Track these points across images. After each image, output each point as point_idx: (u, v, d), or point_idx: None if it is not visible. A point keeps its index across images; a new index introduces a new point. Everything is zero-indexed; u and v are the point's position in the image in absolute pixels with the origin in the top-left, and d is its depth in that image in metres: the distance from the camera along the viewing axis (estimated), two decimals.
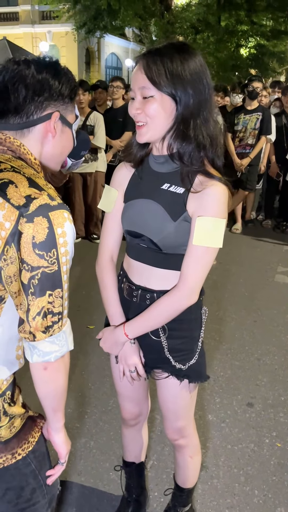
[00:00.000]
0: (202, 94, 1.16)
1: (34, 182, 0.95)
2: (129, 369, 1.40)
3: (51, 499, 1.18)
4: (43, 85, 1.02)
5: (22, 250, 0.91)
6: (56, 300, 0.96)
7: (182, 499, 1.68)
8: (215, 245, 1.24)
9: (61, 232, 0.94)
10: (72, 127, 1.13)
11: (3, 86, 1.01)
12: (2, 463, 1.03)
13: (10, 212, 0.91)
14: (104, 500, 1.87)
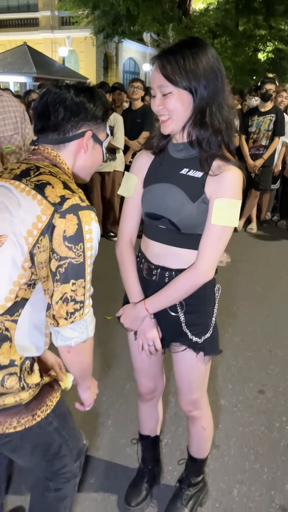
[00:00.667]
0: (215, 83, 1.27)
1: (68, 186, 1.11)
2: (148, 343, 1.51)
3: (78, 453, 1.33)
4: (79, 107, 1.18)
5: (53, 241, 1.06)
6: (78, 289, 1.10)
7: (195, 469, 1.79)
8: (232, 224, 1.34)
9: (88, 229, 1.10)
10: (102, 144, 1.29)
11: (45, 106, 1.18)
12: (24, 424, 1.16)
13: (47, 208, 1.06)
14: (120, 472, 1.99)
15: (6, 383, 1.10)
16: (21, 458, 1.29)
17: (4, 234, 1.07)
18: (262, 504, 1.87)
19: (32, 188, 1.09)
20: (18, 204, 1.08)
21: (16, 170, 1.17)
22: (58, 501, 1.34)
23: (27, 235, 1.07)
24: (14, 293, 1.10)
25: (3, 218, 1.09)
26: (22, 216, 1.08)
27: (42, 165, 1.17)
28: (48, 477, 1.32)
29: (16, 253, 1.08)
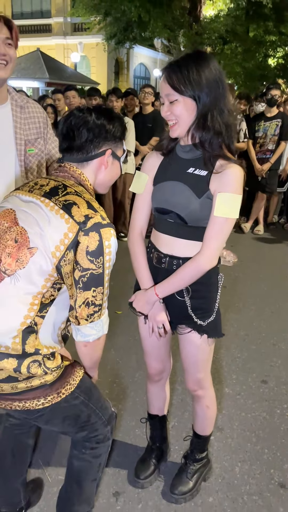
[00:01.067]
0: (217, 91, 1.42)
1: (91, 205, 1.30)
2: (157, 326, 1.67)
3: (108, 419, 1.52)
4: (101, 129, 1.37)
5: (77, 255, 1.25)
6: (97, 295, 1.31)
7: (199, 445, 1.94)
8: (233, 216, 1.50)
9: (108, 244, 1.29)
10: (120, 159, 1.48)
11: (70, 129, 1.37)
12: (50, 401, 1.34)
13: (73, 226, 1.25)
14: (130, 450, 2.14)
15: (31, 369, 1.27)
16: (55, 427, 1.48)
17: (35, 246, 1.26)
18: (262, 481, 2.01)
19: (60, 207, 1.27)
20: (48, 221, 1.26)
21: (46, 187, 1.34)
22: (93, 458, 1.53)
23: (55, 249, 1.25)
24: (41, 294, 1.28)
25: (35, 232, 1.27)
26: (51, 232, 1.25)
27: (69, 184, 1.35)
28: (84, 439, 1.50)
29: (44, 263, 1.26)
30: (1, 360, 1.25)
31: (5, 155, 1.90)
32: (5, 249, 1.27)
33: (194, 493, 1.90)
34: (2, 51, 1.67)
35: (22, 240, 1.26)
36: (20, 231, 1.28)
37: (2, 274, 1.26)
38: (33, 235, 1.26)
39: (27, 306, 1.28)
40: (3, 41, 1.68)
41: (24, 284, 1.26)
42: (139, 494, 1.92)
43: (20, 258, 1.26)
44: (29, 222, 1.28)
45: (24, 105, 1.93)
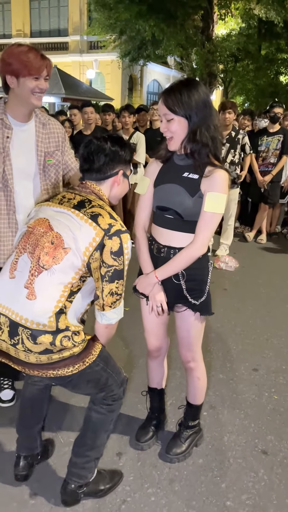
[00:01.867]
0: (204, 111, 1.75)
1: (112, 216, 1.69)
2: (156, 305, 1.98)
3: (121, 381, 1.87)
4: (115, 154, 1.75)
5: (103, 255, 1.62)
6: (119, 286, 1.68)
7: (192, 413, 2.23)
8: (219, 211, 1.82)
9: (126, 246, 1.67)
10: (128, 177, 1.87)
11: (90, 154, 1.75)
12: (78, 368, 1.68)
13: (99, 232, 1.62)
14: (132, 420, 2.44)
15: (63, 342, 1.60)
16: (80, 390, 1.83)
17: (69, 247, 1.61)
18: (247, 448, 2.29)
19: (88, 217, 1.63)
20: (79, 228, 1.62)
21: (73, 200, 1.70)
22: (109, 412, 1.85)
23: (85, 250, 1.61)
24: (71, 284, 1.63)
25: (68, 236, 1.62)
26: (81, 236, 1.60)
27: (92, 198, 1.70)
28: (103, 398, 1.83)
29: (75, 260, 1.60)
30: (40, 336, 1.57)
31: (28, 164, 2.24)
32: (43, 249, 1.62)
33: (186, 455, 2.19)
34: (43, 86, 2.04)
35: (57, 242, 1.62)
36: (56, 235, 1.63)
37: (41, 268, 1.61)
38: (67, 238, 1.61)
39: (60, 293, 1.61)
40: (44, 78, 2.04)
41: (58, 276, 1.61)
42: (139, 454, 2.21)
43: (56, 256, 1.60)
44: (63, 228, 1.63)
45: (46, 122, 2.27)
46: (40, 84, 2.04)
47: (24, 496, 1.95)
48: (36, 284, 1.60)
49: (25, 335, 1.58)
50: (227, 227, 5.36)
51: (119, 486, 2.01)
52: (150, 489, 2.02)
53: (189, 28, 16.61)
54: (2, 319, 1.62)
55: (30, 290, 1.59)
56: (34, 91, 2.03)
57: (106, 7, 15.65)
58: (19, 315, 1.59)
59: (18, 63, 1.97)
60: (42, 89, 2.05)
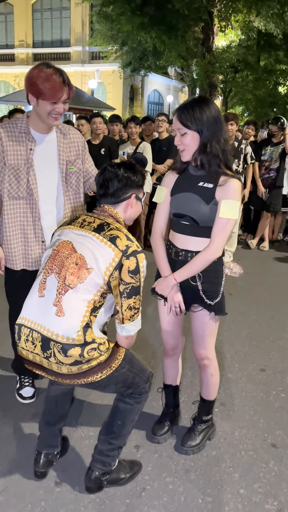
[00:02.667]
0: (215, 126, 1.91)
1: (129, 237, 1.84)
2: (174, 305, 2.12)
3: (147, 377, 2.03)
4: (128, 180, 1.93)
5: (122, 274, 1.77)
6: (137, 301, 1.84)
7: (205, 408, 2.36)
8: (233, 217, 1.97)
9: (142, 265, 1.82)
10: (141, 200, 2.03)
11: (105, 180, 1.93)
12: (106, 373, 1.82)
13: (118, 253, 1.77)
14: (148, 417, 2.56)
15: (90, 353, 1.74)
16: (110, 390, 1.97)
17: (91, 267, 1.76)
18: (257, 442, 2.42)
19: (108, 240, 1.77)
20: (100, 250, 1.76)
21: (93, 224, 1.85)
22: (136, 403, 2.00)
23: (105, 270, 1.76)
24: (93, 300, 1.78)
25: (90, 257, 1.77)
26: (102, 258, 1.75)
27: (110, 221, 1.85)
28: (131, 393, 1.98)
29: (98, 279, 1.75)
30: (70, 349, 1.72)
31: (51, 173, 2.40)
32: (68, 270, 1.77)
33: (200, 447, 2.32)
34: (61, 110, 2.18)
35: (81, 263, 1.77)
36: (79, 257, 1.78)
37: (67, 287, 1.76)
38: (89, 259, 1.77)
39: (85, 309, 1.76)
40: (64, 102, 2.18)
41: (82, 294, 1.76)
42: (155, 447, 2.34)
43: (80, 275, 1.76)
44: (85, 250, 1.78)
45: (66, 132, 2.43)
46: (58, 108, 2.17)
47: (50, 485, 2.08)
48: (63, 301, 1.75)
49: (56, 349, 1.73)
50: (231, 234, 5.49)
51: (138, 476, 2.14)
52: (167, 478, 2.15)
53: (189, 40, 16.84)
54: (35, 335, 1.77)
55: (59, 308, 1.75)
56: (51, 114, 2.18)
57: (108, 18, 15.92)
58: (50, 330, 1.74)
59: (40, 86, 2.11)
60: (59, 112, 2.19)
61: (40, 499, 2.00)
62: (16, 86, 24.21)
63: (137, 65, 18.12)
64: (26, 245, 2.38)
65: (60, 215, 2.44)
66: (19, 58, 26.41)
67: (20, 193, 2.31)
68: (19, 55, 26.45)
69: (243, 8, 14.49)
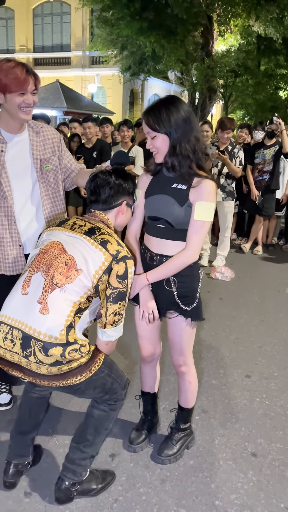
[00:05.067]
0: (184, 127, 1.85)
1: (120, 243, 1.83)
2: (148, 312, 2.06)
3: (124, 384, 1.97)
4: (119, 187, 1.92)
5: (110, 278, 1.76)
6: (121, 307, 1.82)
7: (183, 416, 2.30)
8: (208, 219, 1.92)
9: (130, 271, 1.80)
10: (132, 206, 2.02)
11: (96, 187, 1.92)
12: (85, 376, 1.78)
13: (108, 257, 1.76)
14: (126, 424, 2.50)
15: (71, 354, 1.70)
16: (87, 395, 1.92)
17: (81, 269, 1.73)
18: (237, 451, 2.35)
19: (98, 243, 1.76)
20: (90, 253, 1.74)
21: (84, 227, 1.83)
22: (110, 411, 1.95)
23: (95, 273, 1.74)
24: (79, 302, 1.75)
25: (80, 259, 1.75)
26: (92, 261, 1.73)
27: (101, 226, 1.84)
28: (107, 399, 1.92)
29: (86, 281, 1.73)
30: (51, 348, 1.67)
31: (26, 173, 2.34)
32: (57, 268, 1.74)
33: (177, 456, 2.26)
34: (30, 101, 2.12)
35: (71, 263, 1.74)
36: (70, 257, 1.75)
37: (54, 285, 1.72)
38: (79, 261, 1.74)
39: (70, 309, 1.73)
40: (31, 92, 2.13)
41: (69, 295, 1.72)
42: (131, 456, 2.28)
43: (69, 276, 1.72)
44: (76, 252, 1.76)
45: (39, 130, 2.37)
46: (27, 99, 2.10)
47: (19, 495, 2.02)
48: (49, 300, 1.71)
49: (37, 347, 1.68)
50: (223, 238, 5.45)
51: (111, 486, 2.08)
52: (141, 489, 2.08)
53: (189, 44, 16.88)
54: (15, 333, 1.72)
55: (43, 305, 1.70)
56: (21, 106, 2.11)
57: (107, 23, 15.98)
58: (33, 328, 1.69)
59: (4, 79, 2.05)
60: (29, 104, 2.11)
61: (8, 510, 1.94)
62: None
63: (136, 69, 18.15)
64: (3, 250, 2.33)
65: (40, 215, 2.39)
66: None
67: None
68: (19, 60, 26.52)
69: (242, 13, 14.49)
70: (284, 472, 2.22)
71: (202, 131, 5.78)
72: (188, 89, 19.97)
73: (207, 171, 1.96)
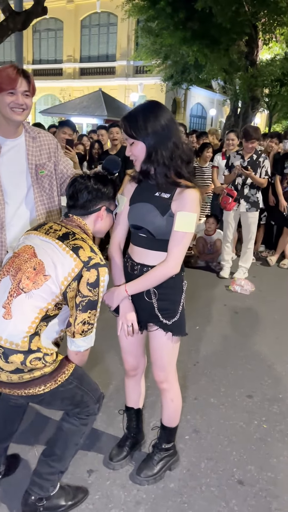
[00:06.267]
0: (161, 134, 1.76)
1: (93, 249, 1.75)
2: (127, 324, 1.97)
3: (97, 398, 1.89)
4: (97, 192, 1.86)
5: (80, 285, 1.69)
6: (91, 316, 1.73)
7: (165, 436, 2.18)
8: (189, 230, 1.82)
9: (102, 279, 1.72)
10: (113, 212, 1.96)
11: (75, 192, 1.87)
12: (49, 387, 1.72)
13: (79, 264, 1.69)
14: (111, 438, 2.41)
15: (33, 362, 1.65)
16: (55, 407, 1.87)
17: (49, 275, 1.68)
18: (223, 476, 2.21)
19: (70, 249, 1.70)
20: (60, 258, 1.70)
21: (59, 231, 1.78)
22: (81, 425, 1.87)
23: (63, 279, 1.68)
24: (46, 309, 1.70)
25: (49, 265, 1.70)
26: (61, 266, 1.67)
27: (76, 231, 1.79)
28: (78, 412, 1.85)
29: (54, 287, 1.68)
30: (12, 355, 1.63)
31: (20, 178, 2.32)
32: (25, 273, 1.70)
33: (157, 478, 2.15)
34: (20, 102, 2.10)
35: (39, 268, 1.69)
36: (39, 262, 1.71)
37: (20, 290, 1.68)
38: (48, 266, 1.69)
39: (35, 315, 1.68)
40: (22, 93, 2.11)
41: (35, 300, 1.68)
42: (109, 473, 2.19)
43: (36, 281, 1.68)
44: (46, 257, 1.71)
45: (35, 136, 2.35)
46: (17, 100, 2.07)
47: None
48: (13, 304, 1.67)
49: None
50: (246, 250, 5.27)
51: (82, 504, 1.99)
52: (113, 510, 1.98)
53: (233, 53, 16.72)
54: None
55: (7, 310, 1.67)
56: (11, 107, 2.09)
57: (152, 33, 16.13)
58: None
59: None
60: (19, 105, 2.08)
61: None
62: (61, 99, 24.87)
63: (178, 78, 18.19)
64: None
65: (34, 220, 2.37)
66: (66, 72, 27.13)
67: None
68: (66, 70, 27.18)
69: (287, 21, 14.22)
70: (270, 504, 2.06)
71: (228, 139, 5.65)
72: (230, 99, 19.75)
73: (188, 178, 1.86)
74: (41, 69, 27.62)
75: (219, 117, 27.80)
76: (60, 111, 18.51)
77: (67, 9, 26.14)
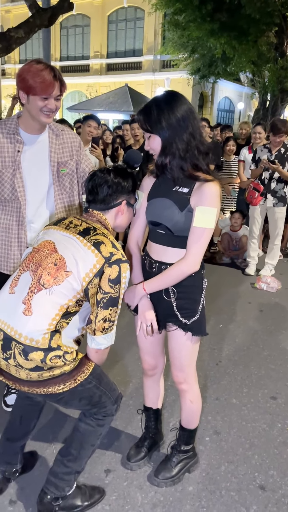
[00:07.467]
0: (176, 127, 1.69)
1: (115, 245, 1.71)
2: (146, 323, 1.92)
3: (115, 398, 1.86)
4: (118, 186, 1.81)
5: (101, 282, 1.65)
6: (113, 313, 1.69)
7: (184, 438, 2.13)
8: (209, 226, 1.75)
9: (124, 276, 1.68)
10: (133, 206, 1.91)
11: (94, 186, 1.82)
12: (69, 386, 1.69)
13: (100, 259, 1.65)
14: (130, 438, 2.38)
15: (53, 360, 1.62)
16: (72, 407, 1.83)
17: (70, 271, 1.65)
18: (244, 481, 2.14)
19: (92, 244, 1.66)
20: (82, 254, 1.65)
21: (79, 227, 1.75)
22: (98, 426, 1.83)
23: (85, 275, 1.65)
24: (67, 305, 1.66)
25: (71, 260, 1.66)
26: (83, 262, 1.64)
27: (97, 227, 1.75)
28: (94, 413, 1.82)
29: (75, 284, 1.64)
30: (31, 352, 1.60)
31: (42, 175, 2.31)
32: (46, 269, 1.66)
33: (175, 480, 2.10)
34: (53, 107, 2.08)
35: (60, 264, 1.66)
36: (60, 257, 1.67)
37: (41, 286, 1.65)
38: (69, 262, 1.65)
39: (55, 312, 1.64)
40: (55, 98, 2.08)
41: (56, 297, 1.64)
42: (127, 474, 2.15)
43: (57, 277, 1.65)
44: (67, 252, 1.68)
45: (59, 133, 2.33)
46: (49, 104, 2.06)
47: (4, 502, 1.97)
48: (33, 300, 1.64)
49: (17, 350, 1.61)
50: (273, 246, 5.14)
51: (98, 504, 1.96)
52: (130, 511, 1.95)
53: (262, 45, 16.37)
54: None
55: (27, 306, 1.64)
56: (42, 110, 2.08)
57: (178, 26, 15.93)
58: (14, 329, 1.63)
59: (30, 81, 2.02)
60: (51, 109, 2.08)
61: None
62: (88, 95, 24.96)
63: (206, 72, 17.93)
64: (9, 249, 2.31)
65: (53, 218, 2.35)
66: (93, 68, 27.17)
67: (6, 195, 2.25)
68: (93, 66, 27.22)
69: None
70: None
71: (255, 133, 5.51)
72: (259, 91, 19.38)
73: (207, 171, 1.79)
74: (69, 66, 27.75)
75: (247, 110, 27.28)
76: (87, 107, 18.56)
77: (94, 4, 26.14)
